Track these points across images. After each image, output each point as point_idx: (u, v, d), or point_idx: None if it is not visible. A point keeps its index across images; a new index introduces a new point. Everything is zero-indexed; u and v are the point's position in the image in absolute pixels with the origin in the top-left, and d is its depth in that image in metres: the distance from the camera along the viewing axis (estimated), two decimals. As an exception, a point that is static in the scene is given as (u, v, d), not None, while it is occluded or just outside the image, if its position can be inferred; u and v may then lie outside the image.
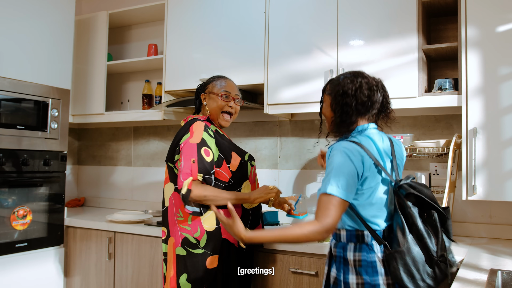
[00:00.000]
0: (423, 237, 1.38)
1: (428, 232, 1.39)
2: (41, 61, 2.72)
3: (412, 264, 1.35)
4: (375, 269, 1.41)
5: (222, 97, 1.91)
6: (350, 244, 1.46)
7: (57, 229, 2.78)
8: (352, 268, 1.44)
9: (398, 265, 1.35)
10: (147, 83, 3.19)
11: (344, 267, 1.46)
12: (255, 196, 1.84)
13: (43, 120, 2.69)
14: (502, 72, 1.96)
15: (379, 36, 2.23)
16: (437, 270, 1.37)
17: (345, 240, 1.48)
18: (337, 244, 1.51)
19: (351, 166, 1.38)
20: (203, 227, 1.80)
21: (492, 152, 1.96)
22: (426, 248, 1.37)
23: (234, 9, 2.62)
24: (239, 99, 1.96)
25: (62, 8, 2.83)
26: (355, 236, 1.46)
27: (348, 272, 1.44)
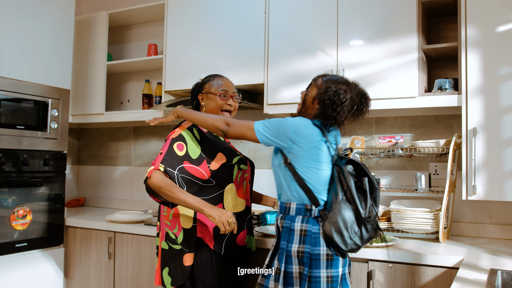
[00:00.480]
0: (354, 200, 1.56)
1: (359, 197, 1.57)
2: (41, 61, 2.72)
3: (342, 223, 1.53)
4: (318, 239, 1.57)
5: (220, 96, 1.91)
6: (298, 217, 1.62)
7: (57, 229, 2.78)
8: (297, 237, 1.60)
9: (330, 223, 1.54)
10: (147, 83, 3.19)
11: (289, 237, 1.61)
12: (212, 213, 1.68)
13: (43, 120, 2.69)
14: (502, 72, 1.96)
15: (379, 36, 2.24)
16: (363, 230, 1.56)
17: (294, 213, 1.64)
18: (285, 216, 1.66)
19: (288, 127, 1.60)
20: (180, 224, 1.82)
21: (492, 152, 1.96)
22: (356, 210, 1.55)
23: (234, 9, 2.62)
24: (237, 97, 1.96)
25: (62, 8, 2.83)
26: (303, 210, 1.62)
27: (292, 241, 1.60)
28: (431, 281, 1.82)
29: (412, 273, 1.86)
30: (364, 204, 1.58)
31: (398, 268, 1.89)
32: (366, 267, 1.95)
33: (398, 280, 1.89)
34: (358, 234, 1.56)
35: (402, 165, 2.50)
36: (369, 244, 1.95)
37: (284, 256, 1.61)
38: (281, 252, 1.62)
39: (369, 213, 1.57)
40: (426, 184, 2.25)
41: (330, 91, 1.61)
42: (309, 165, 1.61)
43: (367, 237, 1.58)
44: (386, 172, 2.53)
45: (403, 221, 2.15)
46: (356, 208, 1.56)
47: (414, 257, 1.86)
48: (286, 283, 1.59)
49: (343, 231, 1.54)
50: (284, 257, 1.61)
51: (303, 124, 1.62)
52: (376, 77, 2.23)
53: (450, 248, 1.98)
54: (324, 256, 1.57)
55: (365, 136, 2.58)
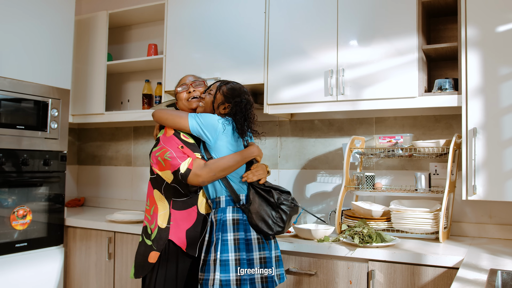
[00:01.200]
0: (262, 195, 1.81)
1: (266, 192, 1.81)
2: (41, 61, 2.72)
3: (263, 212, 1.77)
4: (248, 226, 1.77)
5: (181, 91, 2.00)
6: (228, 207, 1.80)
7: (57, 229, 2.78)
8: (230, 227, 1.76)
9: (253, 214, 1.76)
10: (147, 83, 3.19)
11: (222, 228, 1.76)
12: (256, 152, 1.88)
13: (43, 120, 2.69)
14: (502, 72, 1.96)
15: (379, 36, 2.24)
16: (280, 212, 1.79)
17: (224, 205, 1.80)
18: (217, 210, 1.81)
19: (215, 120, 1.81)
20: (157, 221, 1.85)
21: (492, 152, 1.96)
22: (267, 200, 1.80)
23: (234, 9, 2.62)
24: (197, 82, 2.01)
25: (62, 8, 2.83)
26: (232, 200, 1.81)
27: (226, 231, 1.75)
28: (431, 281, 1.82)
29: (412, 273, 1.86)
30: (270, 194, 1.81)
31: (398, 268, 1.89)
32: (366, 267, 1.95)
33: (398, 280, 1.89)
34: (279, 217, 1.78)
35: (402, 165, 2.50)
36: (369, 244, 1.95)
37: (219, 246, 1.73)
38: (217, 242, 1.75)
39: (278, 199, 1.80)
40: (426, 184, 2.24)
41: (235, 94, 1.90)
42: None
43: (287, 218, 1.80)
44: (386, 172, 2.54)
45: (403, 221, 2.15)
46: (265, 198, 1.80)
47: (414, 257, 1.86)
48: (223, 271, 1.70)
49: (266, 218, 1.77)
50: (220, 246, 1.73)
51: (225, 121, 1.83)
52: (376, 77, 2.23)
53: (450, 248, 1.98)
54: (256, 240, 1.77)
55: (365, 136, 2.58)
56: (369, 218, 2.24)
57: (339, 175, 2.66)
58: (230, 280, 1.69)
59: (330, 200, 2.65)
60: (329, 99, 2.33)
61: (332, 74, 2.31)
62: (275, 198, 1.80)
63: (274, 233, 1.78)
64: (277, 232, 1.79)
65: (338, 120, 2.69)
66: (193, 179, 1.75)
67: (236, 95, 1.90)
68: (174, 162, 1.77)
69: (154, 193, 1.89)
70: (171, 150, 1.79)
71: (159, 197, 1.87)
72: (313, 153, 2.75)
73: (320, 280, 2.05)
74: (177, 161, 1.76)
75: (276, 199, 1.80)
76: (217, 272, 1.69)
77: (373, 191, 2.32)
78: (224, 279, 1.69)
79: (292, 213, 1.83)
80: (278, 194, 1.82)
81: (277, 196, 1.80)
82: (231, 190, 1.81)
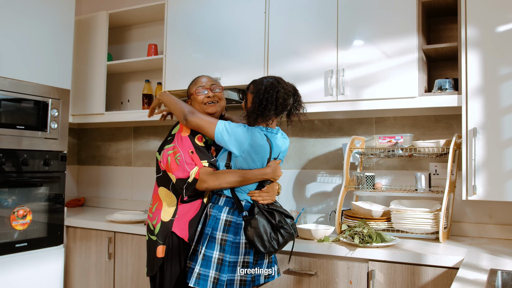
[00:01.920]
0: (267, 216, 1.80)
1: (270, 213, 1.81)
2: (41, 61, 2.72)
3: (262, 229, 1.75)
4: (239, 230, 1.77)
5: (198, 93, 1.96)
6: (225, 208, 1.81)
7: (57, 229, 2.78)
8: (221, 226, 1.78)
9: (251, 228, 1.75)
10: (147, 83, 3.19)
11: (214, 225, 1.79)
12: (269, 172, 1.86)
13: (43, 120, 2.69)
14: (502, 72, 1.96)
15: (379, 36, 2.24)
16: (279, 236, 1.79)
17: (222, 204, 1.82)
18: (214, 206, 1.84)
19: (247, 139, 1.77)
20: (160, 216, 1.89)
21: (492, 152, 1.96)
22: (270, 222, 1.79)
23: (234, 9, 2.62)
24: (216, 86, 1.99)
25: (62, 8, 2.83)
26: (231, 203, 1.82)
27: (217, 229, 1.78)
28: (431, 281, 1.82)
29: (412, 273, 1.86)
30: (273, 216, 1.81)
31: (398, 268, 1.89)
32: (366, 267, 1.95)
33: (398, 280, 1.89)
34: (276, 239, 1.78)
35: (402, 165, 2.50)
36: (369, 244, 1.95)
37: (206, 241, 1.77)
38: (205, 237, 1.79)
39: (279, 222, 1.81)
40: (426, 184, 2.24)
41: (262, 87, 1.81)
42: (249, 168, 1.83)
43: (283, 241, 1.80)
44: (386, 172, 2.54)
45: (403, 221, 2.15)
46: (268, 220, 1.79)
47: (414, 257, 1.86)
48: (203, 265, 1.74)
49: (263, 235, 1.76)
50: (207, 241, 1.77)
51: (259, 139, 1.79)
52: (376, 77, 2.23)
53: (450, 248, 1.98)
54: (243, 245, 1.77)
55: (365, 136, 2.58)
56: (369, 218, 2.24)
57: (339, 175, 2.66)
58: (208, 276, 1.73)
59: (330, 200, 2.66)
60: (329, 99, 2.33)
61: (332, 74, 2.31)
62: (276, 221, 1.80)
63: (266, 252, 1.78)
64: (269, 252, 1.79)
65: (338, 120, 2.69)
66: (199, 185, 1.79)
67: (258, 84, 1.85)
68: (183, 168, 1.80)
69: (160, 190, 1.92)
70: (181, 153, 1.82)
71: (165, 194, 1.90)
72: (313, 153, 2.75)
73: (320, 280, 2.05)
74: (185, 169, 1.79)
75: (277, 221, 1.80)
76: (198, 266, 1.74)
77: (373, 191, 2.32)
78: (203, 273, 1.73)
79: (289, 239, 1.83)
80: (279, 216, 1.82)
81: (278, 219, 1.80)
82: (235, 198, 1.82)
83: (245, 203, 1.83)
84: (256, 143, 1.78)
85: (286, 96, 1.81)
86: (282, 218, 1.82)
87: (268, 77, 1.87)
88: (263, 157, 1.82)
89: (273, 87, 1.80)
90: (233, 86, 2.59)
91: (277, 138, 1.88)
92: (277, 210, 1.84)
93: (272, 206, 1.84)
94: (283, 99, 1.80)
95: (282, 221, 1.81)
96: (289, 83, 1.89)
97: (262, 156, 1.82)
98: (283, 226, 1.81)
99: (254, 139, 1.78)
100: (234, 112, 2.94)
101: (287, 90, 1.83)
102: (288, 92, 1.83)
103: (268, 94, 1.79)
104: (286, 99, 1.81)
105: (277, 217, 1.80)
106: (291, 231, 1.83)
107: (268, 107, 1.78)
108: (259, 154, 1.81)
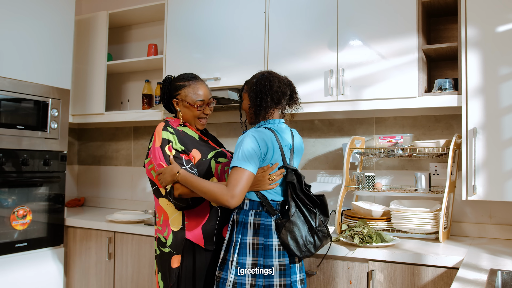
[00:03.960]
0: (304, 213, 1.73)
1: (308, 210, 1.74)
2: (41, 61, 2.72)
3: (297, 232, 1.68)
4: (270, 232, 1.69)
5: (198, 108, 1.88)
6: (251, 211, 1.73)
7: (57, 229, 2.78)
8: (250, 230, 1.70)
9: (286, 231, 1.68)
10: (147, 83, 3.19)
11: (243, 230, 1.71)
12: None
13: (43, 120, 2.69)
14: (502, 72, 1.96)
15: (379, 36, 2.23)
16: (316, 239, 1.73)
17: (247, 208, 1.74)
18: (240, 211, 1.75)
19: (256, 146, 1.67)
20: (170, 227, 1.82)
21: (492, 152, 1.96)
22: (308, 223, 1.73)
23: (234, 9, 2.62)
24: (212, 100, 1.93)
25: (62, 8, 2.83)
26: (256, 205, 1.73)
27: (246, 234, 1.70)
28: (431, 281, 1.82)
29: (412, 273, 1.86)
30: (313, 216, 1.75)
31: (398, 268, 1.89)
32: (366, 267, 1.95)
33: (398, 280, 1.89)
34: (312, 242, 1.72)
35: (402, 165, 2.50)
36: (369, 244, 1.95)
37: (238, 248, 1.70)
38: (235, 244, 1.71)
39: (319, 222, 1.75)
40: (426, 184, 2.24)
41: (255, 83, 1.79)
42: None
43: (319, 245, 1.75)
44: (386, 172, 2.54)
45: (403, 221, 2.15)
46: (308, 220, 1.73)
47: (414, 257, 1.86)
48: (239, 273, 1.67)
49: (299, 239, 1.69)
50: (238, 249, 1.69)
51: (264, 136, 1.71)
52: (376, 77, 2.23)
53: (450, 248, 1.98)
54: (276, 247, 1.69)
55: (365, 136, 2.58)
56: (369, 218, 2.24)
57: (339, 175, 2.66)
58: (245, 284, 1.65)
59: (330, 200, 2.65)
60: (329, 99, 2.33)
61: (332, 74, 2.31)
62: (316, 223, 1.73)
63: (302, 256, 1.71)
64: (305, 256, 1.72)
65: (338, 120, 2.69)
66: (175, 193, 1.72)
67: (250, 81, 1.83)
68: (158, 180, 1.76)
69: (160, 201, 1.86)
70: (156, 167, 1.77)
71: (167, 204, 1.83)
72: (313, 153, 2.75)
73: (320, 280, 2.05)
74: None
75: (317, 224, 1.73)
76: (232, 274, 1.66)
77: (373, 191, 2.32)
78: (240, 282, 1.66)
79: (325, 243, 1.77)
80: (320, 218, 1.76)
81: (319, 222, 1.75)
82: (263, 199, 1.73)
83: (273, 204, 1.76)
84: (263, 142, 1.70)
85: (280, 84, 1.78)
86: (321, 219, 1.76)
87: (258, 72, 1.85)
88: (273, 148, 1.71)
89: (265, 78, 1.78)
90: (233, 86, 2.59)
91: (282, 128, 1.81)
92: (321, 202, 1.76)
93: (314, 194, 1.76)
94: (277, 87, 1.76)
95: (321, 224, 1.75)
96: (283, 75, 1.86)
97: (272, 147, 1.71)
98: (322, 229, 1.74)
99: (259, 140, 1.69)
100: (234, 113, 2.94)
101: (281, 79, 1.81)
102: (282, 81, 1.80)
103: (261, 85, 1.76)
104: (281, 86, 1.78)
105: (318, 219, 1.74)
106: (327, 233, 1.76)
107: (264, 98, 1.75)
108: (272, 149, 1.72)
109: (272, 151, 1.72)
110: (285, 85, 1.81)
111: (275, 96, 1.76)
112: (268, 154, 1.71)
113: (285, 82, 1.82)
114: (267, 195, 1.75)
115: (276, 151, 1.74)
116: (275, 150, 1.73)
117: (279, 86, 1.77)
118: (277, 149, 1.74)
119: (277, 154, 1.74)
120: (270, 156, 1.72)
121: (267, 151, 1.70)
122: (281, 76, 1.83)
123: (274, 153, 1.73)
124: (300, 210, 1.73)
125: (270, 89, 1.76)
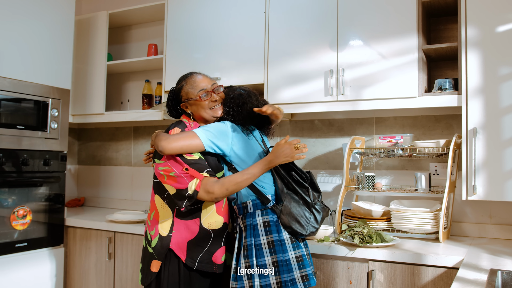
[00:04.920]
0: (296, 190, 1.74)
1: (299, 185, 1.75)
2: (41, 61, 2.72)
3: (296, 212, 1.70)
4: (279, 227, 1.70)
5: (201, 98, 1.80)
6: (257, 211, 1.73)
7: (57, 229, 2.78)
8: (261, 230, 1.70)
9: (285, 215, 1.69)
10: (147, 83, 3.19)
11: (254, 232, 1.71)
12: (279, 159, 1.72)
13: (43, 120, 2.69)
14: (502, 72, 1.96)
15: (379, 36, 2.24)
16: (315, 212, 1.74)
17: (252, 210, 1.74)
18: (245, 216, 1.75)
19: (228, 129, 1.72)
20: (158, 229, 1.78)
21: (492, 152, 1.96)
22: (303, 199, 1.73)
23: (234, 9, 2.62)
24: (216, 85, 1.84)
25: (62, 8, 2.83)
26: (260, 203, 1.73)
27: (258, 235, 1.70)
28: (431, 281, 1.82)
29: (412, 273, 1.86)
30: (306, 191, 1.75)
31: (398, 268, 1.89)
32: (366, 267, 1.95)
33: (398, 280, 1.89)
34: (313, 217, 1.73)
35: (402, 165, 2.50)
36: (369, 244, 1.95)
37: (254, 251, 1.68)
38: (249, 248, 1.70)
39: (313, 197, 1.75)
40: (426, 184, 2.25)
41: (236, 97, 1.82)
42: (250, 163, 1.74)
43: (321, 218, 1.76)
44: (386, 172, 2.54)
45: (403, 221, 2.15)
46: (301, 196, 1.73)
47: (414, 257, 1.86)
48: (261, 276, 1.66)
49: (299, 218, 1.70)
50: (254, 251, 1.68)
51: (232, 124, 1.76)
52: (376, 77, 2.23)
53: (450, 248, 1.98)
54: (289, 240, 1.70)
55: (365, 136, 2.58)
56: (369, 218, 2.24)
57: (339, 175, 2.66)
58: (270, 284, 1.65)
59: (330, 200, 2.65)
60: (329, 99, 2.33)
61: (332, 74, 2.31)
62: (310, 197, 1.74)
63: (308, 234, 1.72)
64: (311, 233, 1.73)
65: (338, 120, 2.69)
66: (204, 196, 1.67)
67: (230, 92, 1.85)
68: (181, 181, 1.68)
69: (156, 198, 1.81)
70: (176, 171, 1.69)
71: (160, 204, 1.78)
72: (313, 153, 2.75)
73: (320, 280, 2.05)
74: (184, 181, 1.67)
75: (312, 198, 1.75)
76: (255, 279, 1.65)
77: (373, 191, 2.32)
78: (265, 284, 1.64)
79: (325, 215, 1.78)
80: (313, 192, 1.77)
81: (312, 195, 1.75)
82: (258, 193, 1.74)
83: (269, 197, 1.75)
84: (236, 128, 1.75)
85: (252, 104, 1.81)
86: (314, 193, 1.77)
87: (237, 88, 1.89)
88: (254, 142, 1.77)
89: (240, 97, 1.83)
90: (233, 86, 2.59)
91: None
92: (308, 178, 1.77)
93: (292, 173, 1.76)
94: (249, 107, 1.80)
95: (316, 198, 1.76)
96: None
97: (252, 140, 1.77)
98: (317, 203, 1.76)
99: (232, 125, 1.75)
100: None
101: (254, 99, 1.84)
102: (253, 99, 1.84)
103: (235, 103, 1.81)
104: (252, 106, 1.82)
105: (311, 193, 1.75)
106: (324, 205, 1.78)
107: (236, 115, 1.80)
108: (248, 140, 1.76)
109: (241, 136, 1.76)
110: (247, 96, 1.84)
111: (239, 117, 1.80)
112: (238, 143, 1.74)
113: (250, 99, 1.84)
114: (261, 189, 1.74)
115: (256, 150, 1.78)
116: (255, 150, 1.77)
117: (251, 107, 1.79)
118: (257, 147, 1.78)
119: (252, 141, 1.78)
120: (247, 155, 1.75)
121: (234, 137, 1.73)
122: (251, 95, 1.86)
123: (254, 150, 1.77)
124: (292, 188, 1.74)
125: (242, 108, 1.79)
